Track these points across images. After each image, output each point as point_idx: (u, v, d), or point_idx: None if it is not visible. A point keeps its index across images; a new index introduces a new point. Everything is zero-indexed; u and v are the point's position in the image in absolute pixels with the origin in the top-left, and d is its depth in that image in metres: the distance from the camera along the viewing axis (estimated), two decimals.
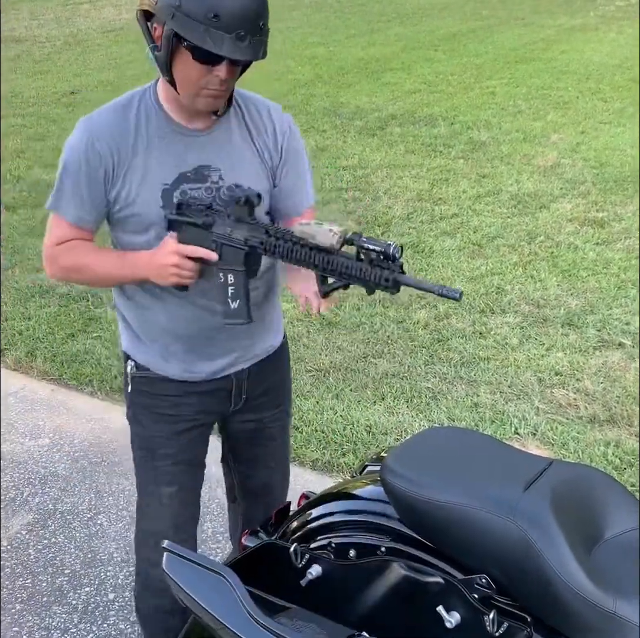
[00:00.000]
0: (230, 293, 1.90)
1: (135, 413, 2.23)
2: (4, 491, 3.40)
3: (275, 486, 2.50)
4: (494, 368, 4.09)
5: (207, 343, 2.13)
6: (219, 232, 1.88)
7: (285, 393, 2.42)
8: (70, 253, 2.06)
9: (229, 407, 2.26)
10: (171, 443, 2.21)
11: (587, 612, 1.52)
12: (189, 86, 1.88)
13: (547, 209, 6.08)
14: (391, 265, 1.76)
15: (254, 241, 1.85)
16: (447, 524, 1.69)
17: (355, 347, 4.34)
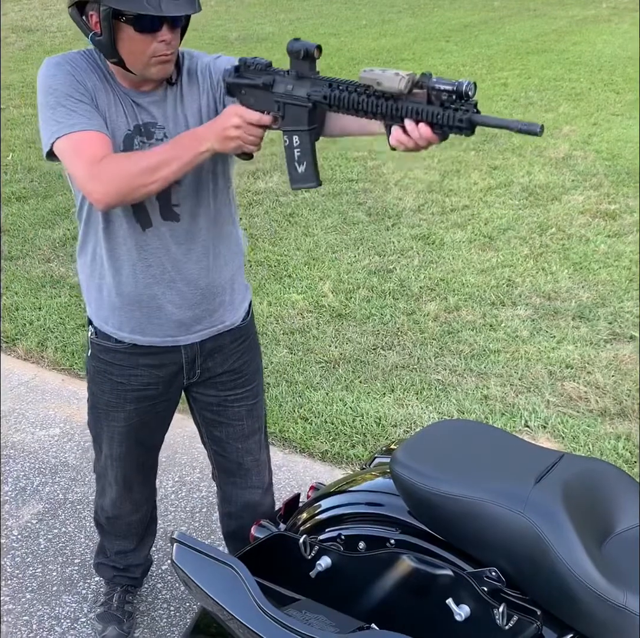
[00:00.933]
0: (297, 156, 1.84)
1: (93, 374, 2.33)
2: (14, 481, 3.41)
3: (249, 467, 2.49)
4: (505, 361, 4.08)
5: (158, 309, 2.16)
6: (279, 91, 1.81)
7: (252, 374, 2.41)
8: (117, 158, 1.92)
9: (182, 380, 2.30)
10: (120, 409, 2.31)
11: (597, 605, 1.52)
12: (138, 59, 1.90)
13: (558, 201, 6.06)
14: (465, 104, 1.60)
15: (316, 96, 1.76)
16: (456, 517, 1.69)
17: (365, 339, 4.33)
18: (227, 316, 2.28)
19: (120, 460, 2.42)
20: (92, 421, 2.42)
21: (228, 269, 2.24)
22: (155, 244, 2.09)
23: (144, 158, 1.90)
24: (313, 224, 5.81)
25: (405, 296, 4.75)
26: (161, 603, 2.83)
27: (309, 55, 1.77)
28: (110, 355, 2.25)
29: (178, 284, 2.14)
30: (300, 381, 3.98)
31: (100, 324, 2.23)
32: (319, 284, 4.93)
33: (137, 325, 2.19)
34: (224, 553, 1.74)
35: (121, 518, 2.59)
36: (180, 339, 2.22)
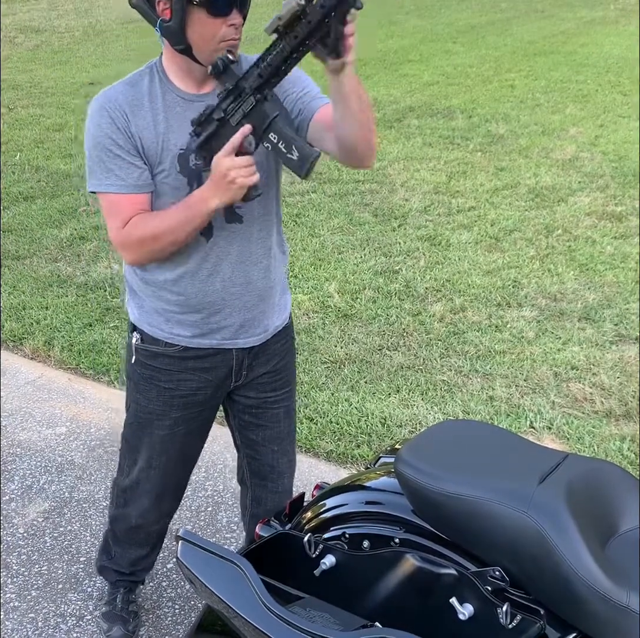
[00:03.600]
0: (283, 148, 1.88)
1: (138, 382, 2.31)
2: (20, 479, 3.43)
3: (282, 469, 2.51)
4: (510, 362, 4.08)
5: (217, 313, 2.18)
6: (231, 112, 1.88)
7: (291, 375, 2.44)
8: (140, 225, 2.03)
9: (230, 383, 2.31)
10: (166, 416, 2.30)
11: (600, 605, 1.52)
12: (208, 44, 1.92)
13: (565, 202, 6.06)
14: None
15: (255, 83, 1.83)
16: (460, 516, 1.69)
17: (371, 339, 4.34)
18: (278, 317, 2.31)
19: (159, 469, 2.41)
20: (132, 431, 2.40)
21: (280, 270, 2.27)
22: (217, 251, 2.11)
23: (160, 223, 2.00)
24: (319, 225, 5.82)
25: (411, 296, 4.76)
26: (166, 602, 2.84)
27: (226, 63, 1.87)
28: (158, 360, 2.25)
29: (238, 288, 2.16)
30: (305, 381, 3.99)
31: (151, 330, 2.22)
32: (325, 284, 4.94)
33: (196, 329, 2.20)
34: (228, 550, 1.75)
35: (143, 527, 2.58)
36: (239, 341, 2.24)
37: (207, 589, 1.73)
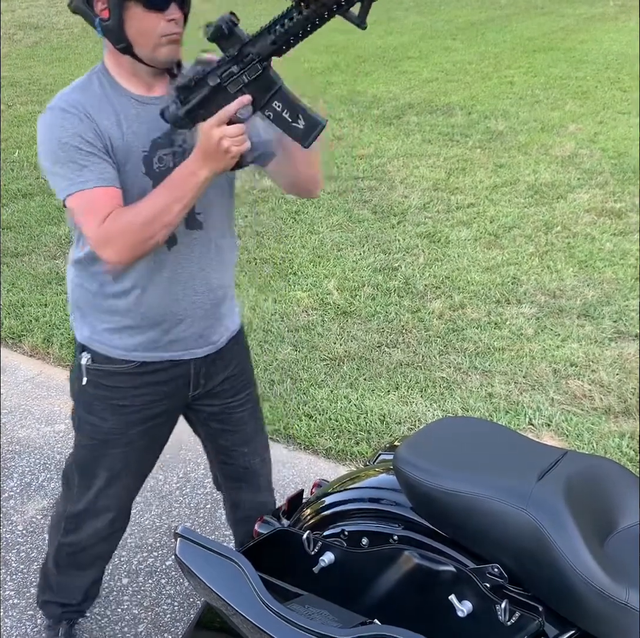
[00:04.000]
0: (288, 117, 1.78)
1: (91, 403, 2.22)
2: (19, 476, 3.43)
3: (255, 469, 2.49)
4: (509, 359, 4.08)
5: (178, 324, 2.13)
6: (230, 78, 1.76)
7: (249, 376, 2.42)
8: (122, 216, 1.90)
9: (187, 393, 2.26)
10: (123, 434, 2.23)
11: (599, 602, 1.52)
12: (148, 39, 1.88)
13: (564, 199, 6.05)
14: None
15: (266, 50, 1.72)
16: (459, 513, 1.69)
17: (370, 336, 4.34)
18: (232, 322, 2.29)
19: (119, 488, 2.33)
20: (84, 455, 2.31)
21: (231, 275, 2.24)
22: (179, 260, 2.06)
23: (144, 209, 1.88)
24: (318, 222, 5.82)
25: (410, 294, 4.76)
26: (165, 599, 2.84)
27: (232, 28, 1.72)
28: (112, 379, 2.17)
29: (199, 296, 2.12)
30: (304, 379, 3.99)
31: (104, 348, 2.14)
32: (324, 281, 4.93)
33: (153, 343, 2.13)
34: (227, 548, 1.75)
35: (92, 548, 2.46)
36: (197, 351, 2.19)
37: (206, 586, 1.73)
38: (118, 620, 2.76)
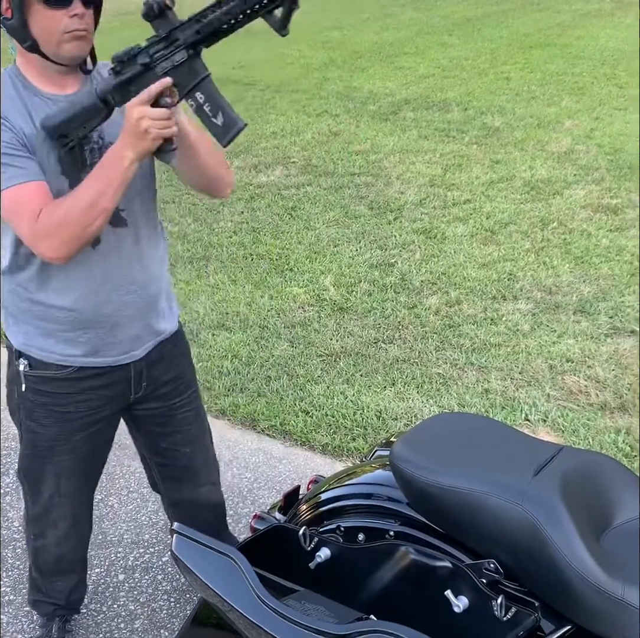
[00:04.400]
0: (208, 110, 1.77)
1: (32, 410, 2.19)
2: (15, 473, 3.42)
3: (197, 468, 2.47)
4: (505, 355, 4.08)
5: (114, 327, 2.10)
6: (159, 60, 1.75)
7: (191, 377, 2.40)
8: (57, 207, 1.86)
9: (129, 396, 2.24)
10: (67, 441, 2.21)
11: (595, 597, 1.52)
12: (51, 36, 1.86)
13: (560, 195, 6.05)
14: None
15: (191, 38, 1.72)
16: (455, 509, 1.69)
17: (366, 332, 4.34)
18: (170, 321, 2.26)
19: (68, 496, 2.32)
20: (29, 462, 2.29)
21: (164, 273, 2.22)
22: (106, 259, 2.02)
23: (79, 198, 1.85)
24: (315, 218, 5.81)
25: (407, 290, 4.75)
26: (161, 595, 2.84)
27: (163, 8, 1.72)
28: (51, 385, 2.14)
29: (132, 296, 2.09)
30: (301, 375, 3.99)
31: (41, 354, 2.10)
32: (320, 277, 4.93)
33: (91, 347, 2.10)
34: (223, 544, 1.74)
35: (65, 556, 2.49)
36: (135, 354, 2.16)
37: (202, 583, 1.73)
38: (114, 616, 2.76)
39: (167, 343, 2.26)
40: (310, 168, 6.80)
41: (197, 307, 4.66)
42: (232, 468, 3.40)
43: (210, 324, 4.45)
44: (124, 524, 3.17)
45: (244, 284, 4.89)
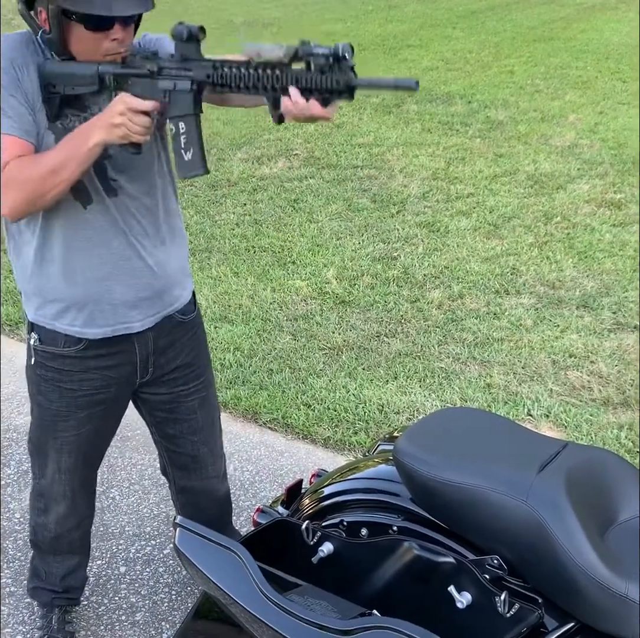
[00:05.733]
0: (183, 142, 1.82)
1: (39, 384, 2.24)
2: (17, 464, 3.42)
3: (203, 458, 2.49)
4: (508, 349, 4.08)
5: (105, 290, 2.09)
6: (164, 76, 1.81)
7: (204, 366, 2.40)
8: (24, 164, 1.88)
9: (135, 380, 2.26)
10: (71, 417, 2.24)
11: (598, 594, 1.52)
12: (90, 56, 1.88)
13: (564, 189, 6.04)
14: (342, 66, 1.63)
15: (200, 77, 1.77)
16: (459, 504, 1.69)
17: (369, 326, 4.33)
18: (177, 298, 2.24)
19: (69, 472, 2.35)
20: (37, 435, 2.33)
21: (176, 251, 2.20)
22: (98, 220, 2.02)
23: (43, 163, 1.87)
24: (317, 211, 5.80)
25: (409, 283, 4.75)
26: (163, 587, 2.84)
27: (193, 36, 1.77)
28: (58, 361, 2.17)
29: (125, 262, 2.07)
30: (303, 368, 3.98)
31: (52, 324, 2.14)
32: (323, 270, 4.92)
33: (88, 316, 2.10)
34: (226, 538, 1.74)
35: (64, 536, 2.50)
36: (134, 326, 2.15)
37: (204, 576, 1.72)
38: (115, 608, 2.76)
39: (179, 329, 2.27)
40: (313, 160, 6.79)
41: (199, 299, 4.64)
42: (233, 461, 3.39)
43: (212, 317, 4.45)
44: (125, 516, 3.17)
45: (247, 276, 4.88)
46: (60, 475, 2.35)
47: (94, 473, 2.48)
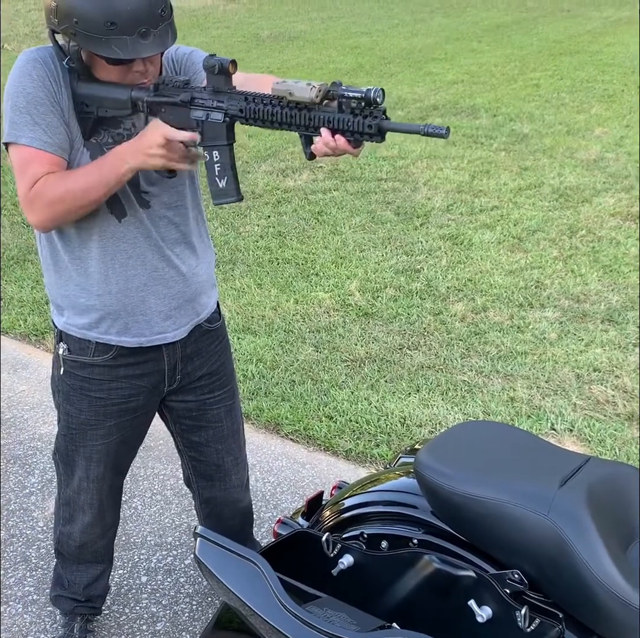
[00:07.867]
0: (217, 170, 1.88)
1: (68, 393, 2.25)
2: (41, 473, 3.45)
3: (228, 468, 2.49)
4: (532, 363, 4.06)
5: (139, 301, 2.11)
6: (197, 106, 1.86)
7: (229, 375, 2.41)
8: (52, 183, 1.91)
9: (163, 388, 2.27)
10: (100, 426, 2.26)
11: (620, 610, 1.51)
12: (116, 82, 1.92)
13: (589, 203, 6.01)
14: (373, 111, 1.67)
15: (233, 111, 1.82)
16: (480, 518, 1.68)
17: (391, 338, 4.33)
18: (205, 306, 2.27)
19: (97, 482, 2.36)
20: (64, 444, 2.33)
21: (204, 261, 2.23)
22: (132, 233, 2.05)
23: (73, 183, 1.91)
24: (341, 223, 5.81)
25: (433, 296, 4.74)
26: (184, 598, 2.84)
27: (224, 70, 1.82)
28: (87, 370, 2.19)
29: (160, 273, 2.10)
30: (325, 380, 3.98)
31: (83, 333, 2.15)
32: (346, 282, 4.93)
33: (123, 326, 2.12)
34: (246, 548, 1.74)
35: (88, 545, 2.51)
36: (168, 335, 2.17)
37: (225, 587, 1.73)
38: (136, 617, 2.77)
39: (206, 338, 2.29)
40: (337, 173, 6.81)
41: (222, 311, 4.66)
42: (255, 472, 3.40)
43: (235, 328, 4.46)
44: (147, 526, 3.18)
45: (270, 288, 4.90)
46: (88, 483, 2.36)
47: (120, 483, 2.49)
